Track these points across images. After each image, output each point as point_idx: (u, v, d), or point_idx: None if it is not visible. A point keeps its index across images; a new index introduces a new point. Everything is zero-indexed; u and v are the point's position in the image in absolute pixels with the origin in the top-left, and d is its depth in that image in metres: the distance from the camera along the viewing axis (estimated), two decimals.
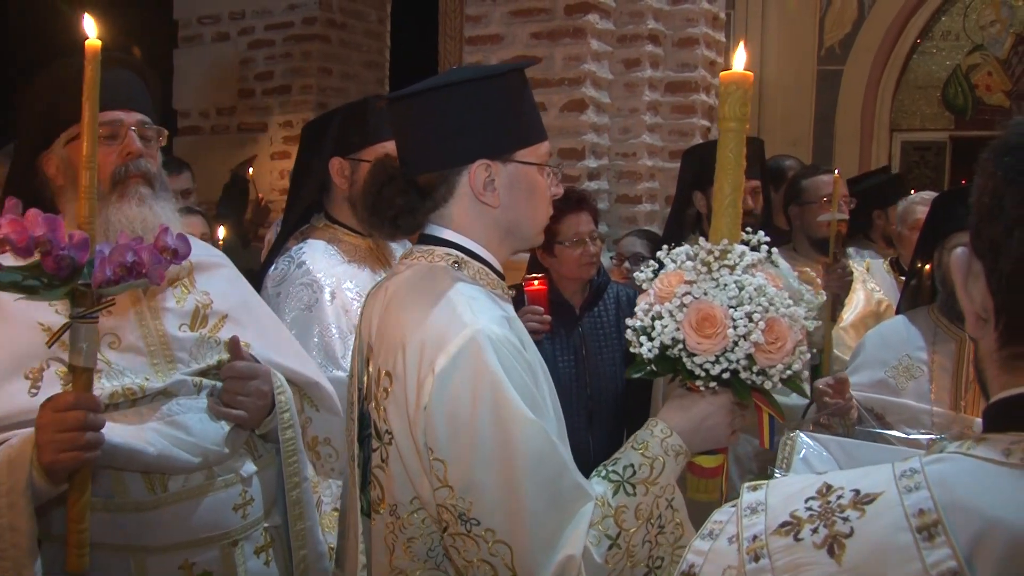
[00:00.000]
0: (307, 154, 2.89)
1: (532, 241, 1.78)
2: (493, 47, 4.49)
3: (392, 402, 1.59)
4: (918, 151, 8.47)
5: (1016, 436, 0.80)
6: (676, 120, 4.63)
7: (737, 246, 1.59)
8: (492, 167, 1.64)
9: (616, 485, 1.54)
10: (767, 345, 1.51)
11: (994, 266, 0.84)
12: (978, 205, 0.86)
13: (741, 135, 1.60)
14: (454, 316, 1.54)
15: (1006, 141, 0.85)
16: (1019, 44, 8.03)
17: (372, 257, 2.85)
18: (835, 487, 0.86)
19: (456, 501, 1.48)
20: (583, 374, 3.03)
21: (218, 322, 2.06)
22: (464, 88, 1.63)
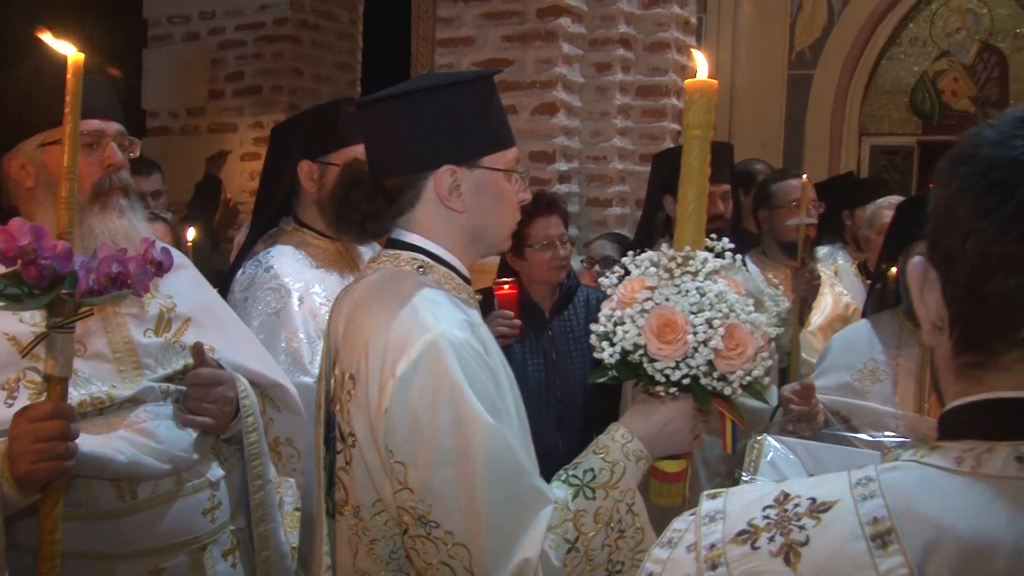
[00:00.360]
0: (276, 156, 2.86)
1: (499, 246, 1.78)
2: (465, 49, 4.48)
3: (355, 405, 1.60)
4: (886, 155, 8.57)
5: (969, 444, 0.81)
6: (647, 124, 4.65)
7: (700, 252, 1.60)
8: (458, 173, 1.65)
9: (576, 489, 1.55)
10: (727, 351, 1.52)
11: (949, 276, 0.84)
12: (934, 215, 0.87)
13: (706, 143, 1.61)
14: (416, 320, 1.55)
15: (961, 151, 0.86)
16: (984, 51, 8.15)
17: (341, 261, 2.83)
18: (792, 495, 0.87)
19: (416, 503, 1.49)
20: (553, 377, 3.03)
21: (182, 326, 2.06)
22: (431, 94, 1.64)
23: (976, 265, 0.81)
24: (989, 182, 0.80)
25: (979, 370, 0.83)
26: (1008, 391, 0.81)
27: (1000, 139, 0.82)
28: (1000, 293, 0.79)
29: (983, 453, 0.79)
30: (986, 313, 0.81)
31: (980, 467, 0.79)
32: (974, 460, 0.79)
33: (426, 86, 1.65)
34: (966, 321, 0.84)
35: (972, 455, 0.80)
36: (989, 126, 0.85)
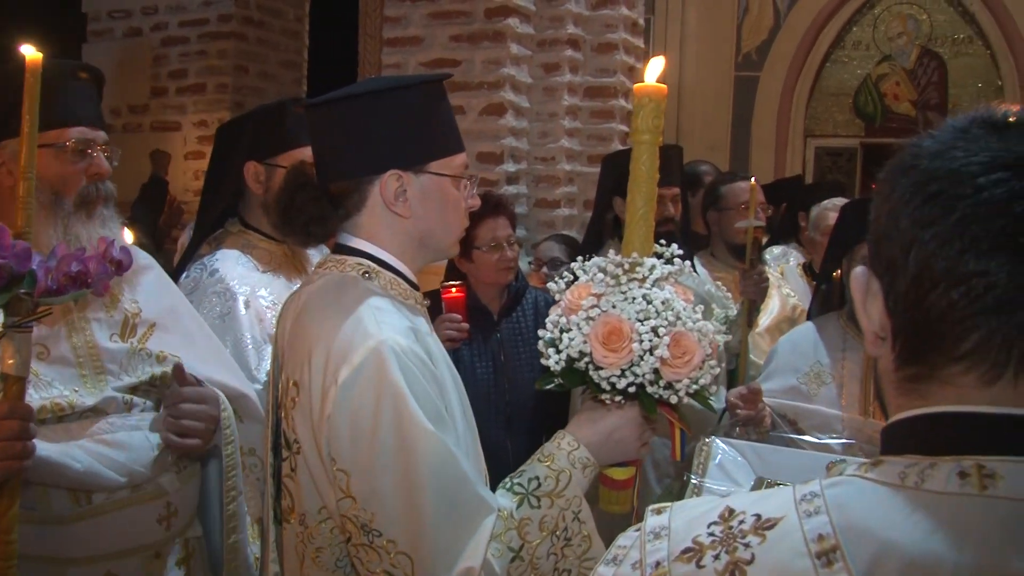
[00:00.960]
0: (221, 157, 2.81)
1: (446, 252, 1.78)
2: (412, 49, 4.45)
3: (299, 412, 1.58)
4: (831, 156, 8.73)
5: (912, 459, 0.80)
6: (595, 125, 4.66)
7: (647, 259, 1.60)
8: (404, 178, 1.63)
9: (520, 497, 1.55)
10: (674, 359, 1.51)
11: (891, 286, 0.84)
12: (875, 224, 0.86)
13: (654, 148, 1.61)
14: (359, 327, 1.53)
15: (902, 161, 0.85)
16: (924, 56, 8.34)
17: (288, 264, 2.79)
18: (737, 511, 0.86)
19: (359, 512, 1.48)
20: (501, 380, 3.02)
21: (147, 331, 2.03)
22: (378, 97, 1.63)
23: (917, 276, 0.80)
24: (930, 193, 0.79)
25: (921, 383, 0.83)
26: (950, 405, 0.80)
27: (940, 150, 0.81)
28: (941, 306, 0.78)
29: (926, 468, 0.79)
30: (927, 326, 0.80)
31: (923, 483, 0.78)
32: (917, 476, 0.79)
33: (373, 89, 1.64)
34: (908, 333, 0.83)
35: (915, 471, 0.79)
36: (930, 136, 0.84)
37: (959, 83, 8.28)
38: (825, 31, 8.38)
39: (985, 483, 0.76)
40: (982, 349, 0.77)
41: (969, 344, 0.78)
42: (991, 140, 0.79)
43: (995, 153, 0.77)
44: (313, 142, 1.73)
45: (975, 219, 0.76)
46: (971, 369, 0.78)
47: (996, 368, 0.77)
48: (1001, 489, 0.75)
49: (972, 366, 0.78)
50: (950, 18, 8.22)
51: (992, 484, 0.75)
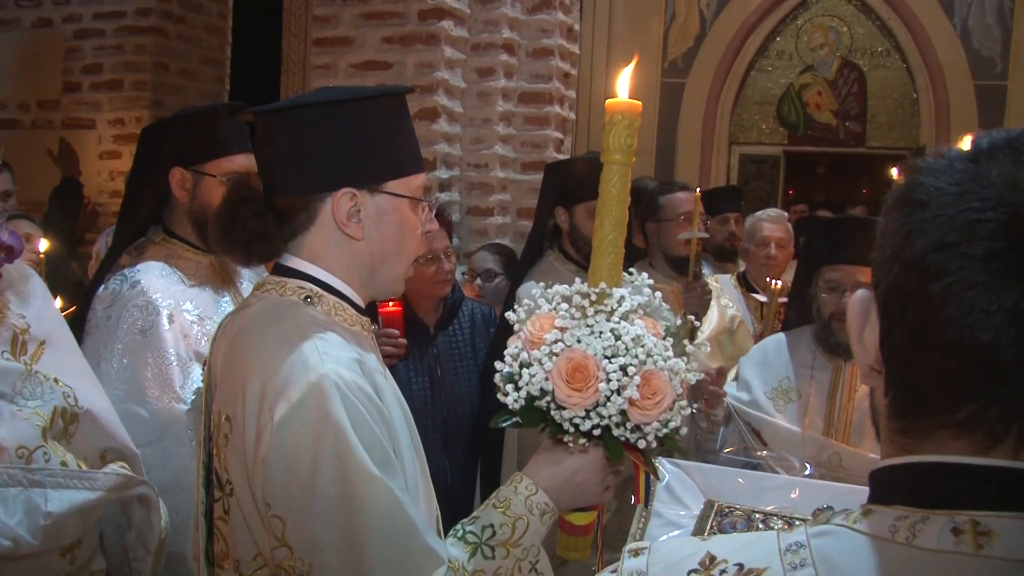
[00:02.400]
0: (145, 161, 2.65)
1: (395, 283, 1.64)
2: (342, 50, 4.32)
3: (232, 450, 1.46)
4: (755, 163, 8.87)
5: (902, 511, 0.76)
6: (529, 131, 4.59)
7: (616, 290, 1.50)
8: (358, 197, 1.51)
9: (473, 547, 1.45)
10: (643, 400, 1.42)
11: (888, 332, 0.79)
12: (880, 253, 0.81)
13: (626, 169, 1.51)
14: (299, 359, 1.41)
15: (917, 192, 0.78)
16: (845, 67, 8.54)
17: (215, 276, 2.65)
18: (719, 559, 0.82)
19: (295, 563, 1.37)
20: (438, 396, 2.93)
21: (37, 349, 1.85)
22: (333, 109, 1.51)
23: (916, 334, 0.75)
24: (939, 243, 0.73)
25: (910, 438, 0.78)
26: (946, 455, 0.76)
27: (955, 192, 0.74)
28: (938, 374, 0.74)
29: (917, 523, 0.74)
30: (921, 389, 0.76)
31: (915, 539, 0.74)
32: (908, 530, 0.74)
33: (330, 99, 1.52)
34: (901, 388, 0.79)
35: (906, 524, 0.75)
36: (947, 167, 0.76)
37: (877, 95, 8.49)
38: (750, 40, 8.51)
39: (980, 541, 0.71)
40: (977, 420, 0.73)
41: (963, 415, 0.74)
42: (1011, 187, 0.72)
43: (1015, 208, 0.71)
44: (258, 154, 1.60)
45: (987, 289, 0.70)
46: (962, 437, 0.74)
47: (991, 438, 0.73)
48: (997, 548, 0.71)
49: (964, 434, 0.74)
50: (869, 31, 8.43)
51: (988, 543, 0.71)
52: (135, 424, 2.34)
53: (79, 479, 1.76)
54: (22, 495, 1.69)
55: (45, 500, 1.71)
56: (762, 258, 4.18)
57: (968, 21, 8.00)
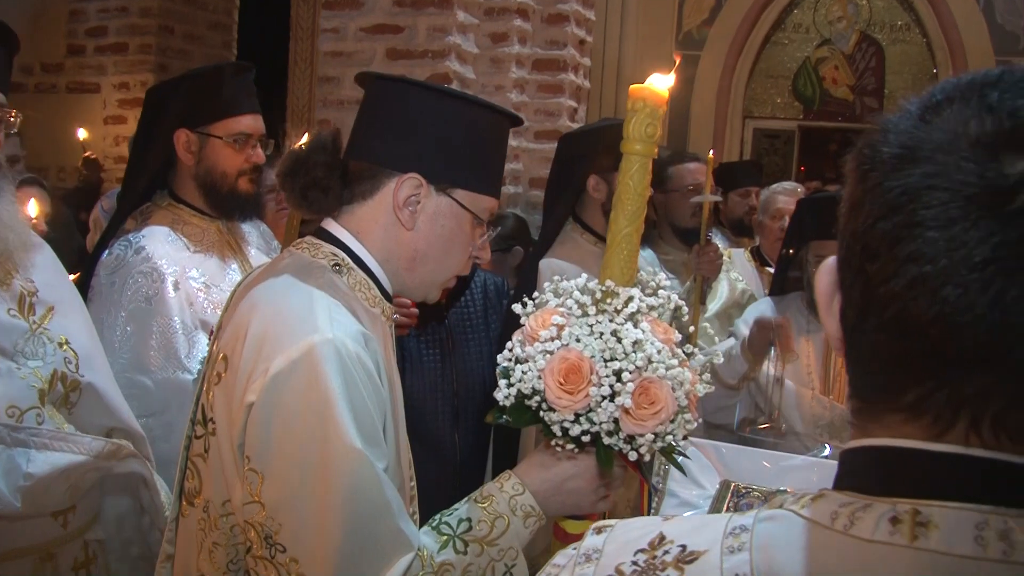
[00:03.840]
0: (149, 123, 2.59)
1: (427, 289, 1.60)
2: (352, 13, 4.21)
3: (221, 389, 1.42)
4: (768, 138, 8.75)
5: (849, 497, 0.72)
6: (542, 99, 4.49)
7: (624, 289, 1.42)
8: (423, 187, 1.48)
9: (446, 539, 1.41)
10: (637, 410, 1.34)
11: (843, 306, 0.74)
12: (840, 220, 0.74)
13: (647, 160, 1.43)
14: (307, 318, 1.37)
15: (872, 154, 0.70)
16: (863, 42, 8.39)
17: (221, 242, 2.59)
18: (667, 539, 0.81)
19: (265, 520, 1.33)
20: (449, 370, 2.85)
21: (46, 313, 1.82)
22: (442, 100, 1.50)
23: (863, 311, 0.70)
24: (886, 207, 0.66)
25: (864, 419, 0.74)
26: (895, 439, 0.71)
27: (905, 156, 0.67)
28: (885, 354, 0.69)
29: (858, 510, 0.70)
30: (870, 368, 0.72)
31: (852, 527, 0.70)
32: (848, 518, 0.70)
33: (443, 91, 1.54)
34: (854, 365, 0.74)
35: (848, 511, 0.71)
36: (903, 124, 0.69)
37: (896, 70, 8.35)
38: (766, 12, 8.36)
39: (916, 532, 0.67)
40: (926, 402, 0.68)
41: (911, 397, 0.69)
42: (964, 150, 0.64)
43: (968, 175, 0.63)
44: (360, 113, 1.58)
45: (931, 259, 0.64)
46: (911, 421, 0.69)
47: (940, 423, 0.68)
48: (932, 541, 0.66)
49: (913, 418, 0.69)
50: (889, 4, 8.27)
51: (924, 534, 0.66)
52: (139, 394, 2.30)
53: (64, 441, 1.72)
54: (4, 454, 1.65)
55: (27, 460, 1.67)
56: (776, 231, 4.11)
57: None
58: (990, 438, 0.66)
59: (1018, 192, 0.61)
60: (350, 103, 4.17)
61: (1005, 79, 0.66)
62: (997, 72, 0.67)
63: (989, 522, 0.66)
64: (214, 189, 2.50)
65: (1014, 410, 0.65)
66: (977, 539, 0.65)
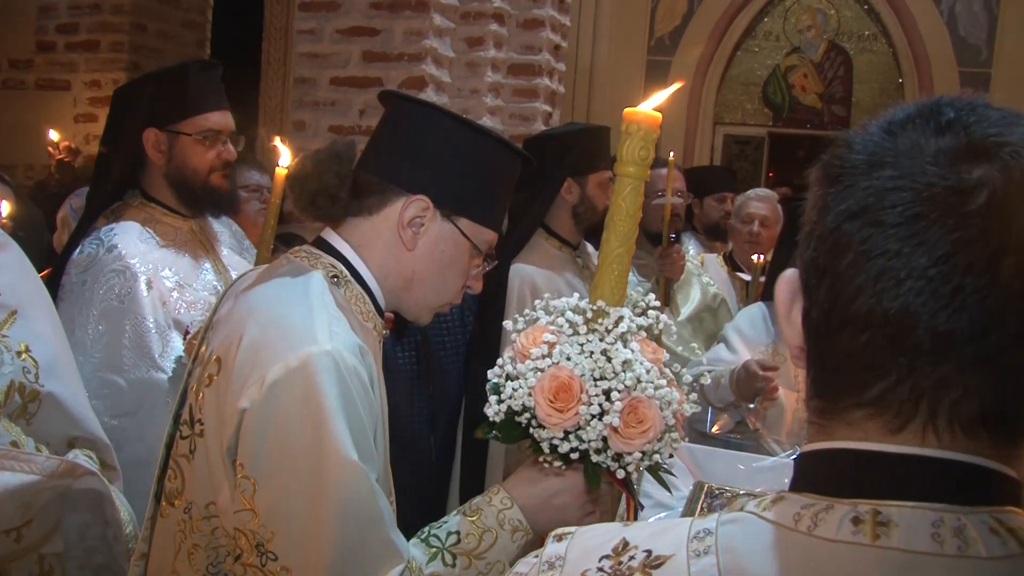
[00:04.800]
0: (117, 123, 2.57)
1: (419, 311, 1.62)
2: (328, 15, 4.20)
3: (213, 391, 1.42)
4: (739, 144, 8.84)
5: (809, 499, 0.75)
6: (517, 104, 4.51)
7: (615, 309, 1.44)
8: (429, 211, 1.50)
9: (435, 552, 1.42)
10: (626, 428, 1.36)
11: (807, 309, 0.77)
12: (804, 228, 0.78)
13: (639, 183, 1.44)
14: (306, 328, 1.38)
15: (834, 166, 0.75)
16: (831, 50, 8.50)
17: (194, 241, 2.57)
18: (631, 545, 0.82)
19: (257, 528, 1.34)
20: (425, 372, 2.86)
21: (7, 318, 1.76)
22: (461, 128, 1.53)
23: (829, 312, 0.73)
24: (849, 211, 0.71)
25: (826, 418, 0.77)
26: (852, 442, 0.74)
27: (870, 163, 0.72)
28: (849, 349, 0.72)
29: (821, 512, 0.73)
30: (835, 366, 0.75)
31: (815, 528, 0.73)
32: (811, 519, 0.73)
33: (463, 120, 1.56)
34: (818, 367, 0.77)
35: (810, 513, 0.73)
36: (865, 138, 0.74)
37: (863, 79, 8.47)
38: (737, 20, 8.45)
39: (878, 532, 0.70)
40: (888, 397, 0.72)
41: (874, 392, 0.72)
42: (925, 155, 0.70)
43: (928, 179, 0.69)
44: (378, 129, 1.60)
45: (894, 255, 0.69)
46: (874, 417, 0.73)
47: (900, 418, 0.71)
48: (894, 539, 0.69)
49: (876, 414, 0.73)
50: (856, 15, 8.39)
51: (885, 533, 0.70)
52: (112, 394, 2.28)
53: (16, 460, 1.67)
54: None
55: None
56: (746, 234, 4.16)
57: (955, 8, 7.99)
58: (945, 432, 0.70)
59: (976, 194, 0.67)
60: (325, 105, 4.17)
61: (956, 103, 0.72)
62: (949, 97, 0.74)
63: (944, 520, 0.69)
64: (186, 186, 2.49)
65: (967, 400, 0.69)
66: (934, 536, 0.69)
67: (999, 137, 0.69)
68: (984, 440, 0.71)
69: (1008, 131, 0.70)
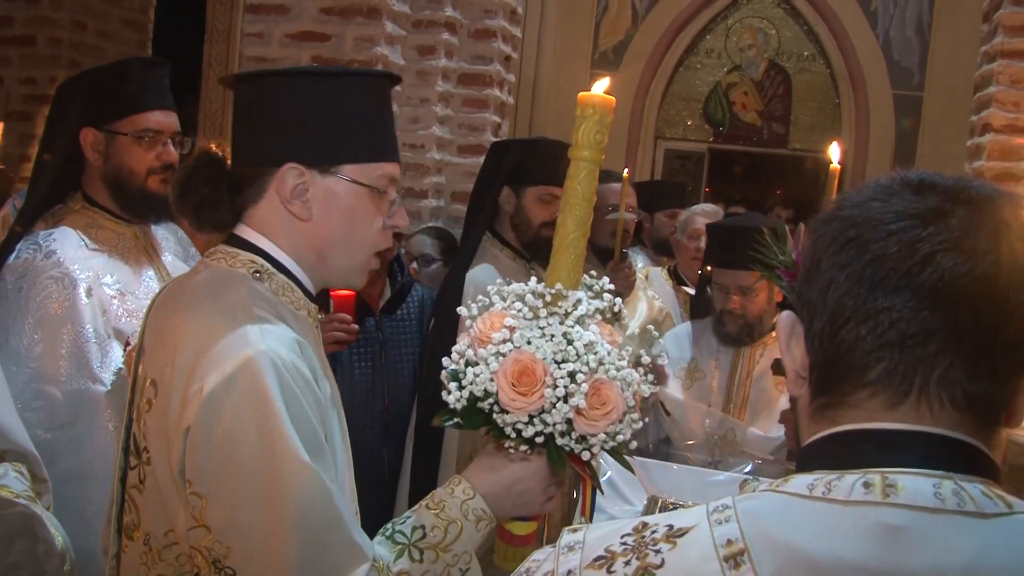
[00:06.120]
0: (55, 122, 2.48)
1: (349, 276, 1.55)
2: (277, 18, 4.13)
3: (153, 417, 1.37)
4: (679, 159, 8.93)
5: (820, 474, 0.85)
6: (467, 114, 4.49)
7: (573, 293, 1.45)
8: (306, 175, 1.44)
9: (401, 548, 1.40)
10: (590, 411, 1.38)
11: (810, 326, 0.90)
12: (802, 271, 0.93)
13: (594, 167, 1.46)
14: (237, 332, 1.34)
15: (828, 212, 0.92)
16: (772, 69, 8.66)
17: (137, 248, 2.49)
18: (651, 524, 0.90)
19: (212, 544, 1.29)
20: (380, 383, 2.81)
21: None
22: (300, 81, 1.47)
23: (832, 314, 0.87)
24: (848, 238, 0.87)
25: (831, 410, 0.88)
26: (856, 423, 0.86)
27: (861, 201, 0.89)
28: (851, 339, 0.85)
29: (833, 480, 0.84)
30: (839, 358, 0.87)
31: (830, 492, 0.83)
32: (824, 487, 0.84)
33: (297, 71, 1.51)
34: (822, 366, 0.89)
35: (823, 482, 0.84)
36: (856, 191, 0.91)
37: (801, 98, 8.63)
38: (680, 37, 8.54)
39: (887, 492, 0.81)
40: (886, 378, 0.84)
41: (874, 373, 0.85)
42: (906, 195, 0.87)
43: (908, 205, 0.86)
44: (233, 118, 1.54)
45: (884, 260, 0.84)
46: (876, 395, 0.85)
47: (898, 395, 0.84)
48: (902, 498, 0.81)
49: (877, 392, 0.85)
50: (796, 35, 8.55)
51: (893, 493, 0.81)
52: (47, 406, 2.19)
53: None
54: None
55: None
56: (692, 250, 4.20)
57: (890, 32, 8.19)
58: (935, 403, 0.84)
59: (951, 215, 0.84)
60: None
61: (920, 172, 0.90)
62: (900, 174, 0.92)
63: (943, 483, 0.82)
64: (123, 189, 2.40)
65: (952, 370, 0.83)
66: (936, 495, 0.81)
67: (961, 186, 0.87)
68: (969, 421, 0.84)
69: (964, 183, 0.88)
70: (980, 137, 4.02)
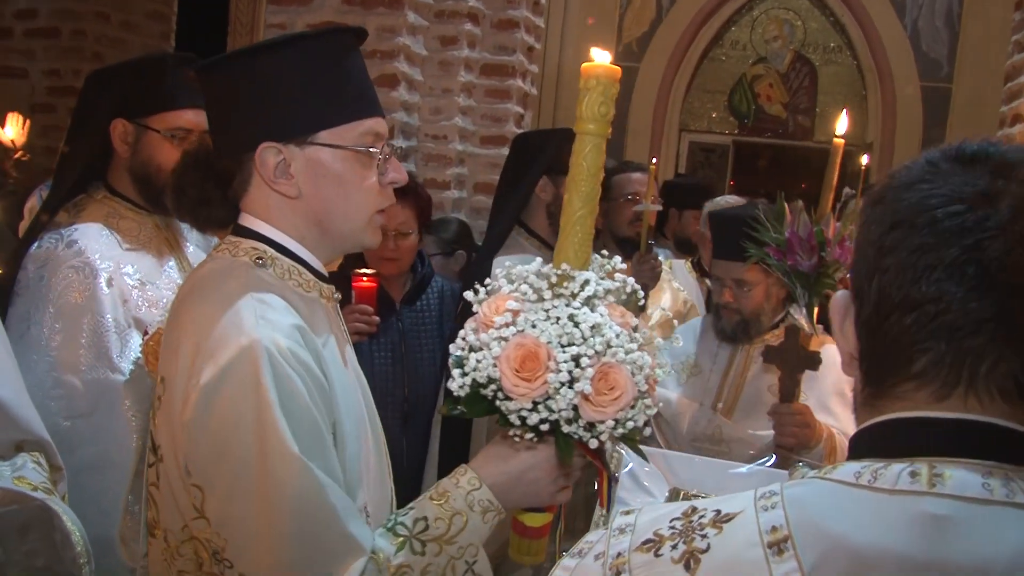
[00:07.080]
0: (85, 111, 2.48)
1: (357, 239, 1.51)
2: (299, 9, 4.13)
3: (163, 413, 1.37)
4: (704, 152, 8.86)
5: (868, 462, 0.85)
6: (490, 104, 4.47)
7: (581, 273, 1.39)
8: (284, 152, 1.40)
9: (402, 540, 1.36)
10: (597, 396, 1.31)
11: (859, 312, 0.90)
12: (856, 250, 0.92)
13: (600, 140, 1.41)
14: (233, 321, 1.32)
15: (877, 192, 0.90)
16: (797, 61, 8.57)
17: (159, 238, 2.48)
18: (700, 509, 0.91)
19: (211, 536, 1.29)
20: (400, 373, 2.81)
21: None
22: (250, 59, 1.42)
23: (878, 303, 0.86)
24: (892, 223, 0.85)
25: (879, 400, 0.88)
26: (905, 412, 0.85)
27: (909, 182, 0.86)
28: (896, 330, 0.84)
29: (880, 469, 0.83)
30: (885, 349, 0.86)
31: (876, 481, 0.83)
32: (871, 475, 0.83)
33: (249, 49, 1.45)
34: (870, 357, 0.89)
35: (869, 471, 0.84)
36: (904, 167, 0.89)
37: (827, 90, 8.54)
38: (705, 28, 8.47)
39: (934, 481, 0.80)
40: (933, 370, 0.83)
41: (920, 365, 0.83)
42: (956, 174, 0.84)
43: (956, 187, 0.83)
44: (207, 112, 1.51)
45: (930, 248, 0.82)
46: (922, 387, 0.84)
47: (946, 387, 0.83)
48: (948, 487, 0.80)
49: (923, 384, 0.84)
50: (822, 27, 8.46)
51: (940, 482, 0.80)
52: (66, 395, 2.19)
53: None
54: None
55: None
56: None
57: (918, 23, 8.08)
58: (985, 396, 0.82)
59: (1001, 198, 0.81)
60: None
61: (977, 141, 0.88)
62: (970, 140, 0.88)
63: (993, 473, 0.80)
64: (149, 183, 2.40)
65: (1002, 364, 0.81)
66: (984, 485, 0.80)
67: (1018, 159, 0.84)
68: (1020, 409, 0.82)
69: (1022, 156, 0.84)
70: (1010, 128, 3.94)
